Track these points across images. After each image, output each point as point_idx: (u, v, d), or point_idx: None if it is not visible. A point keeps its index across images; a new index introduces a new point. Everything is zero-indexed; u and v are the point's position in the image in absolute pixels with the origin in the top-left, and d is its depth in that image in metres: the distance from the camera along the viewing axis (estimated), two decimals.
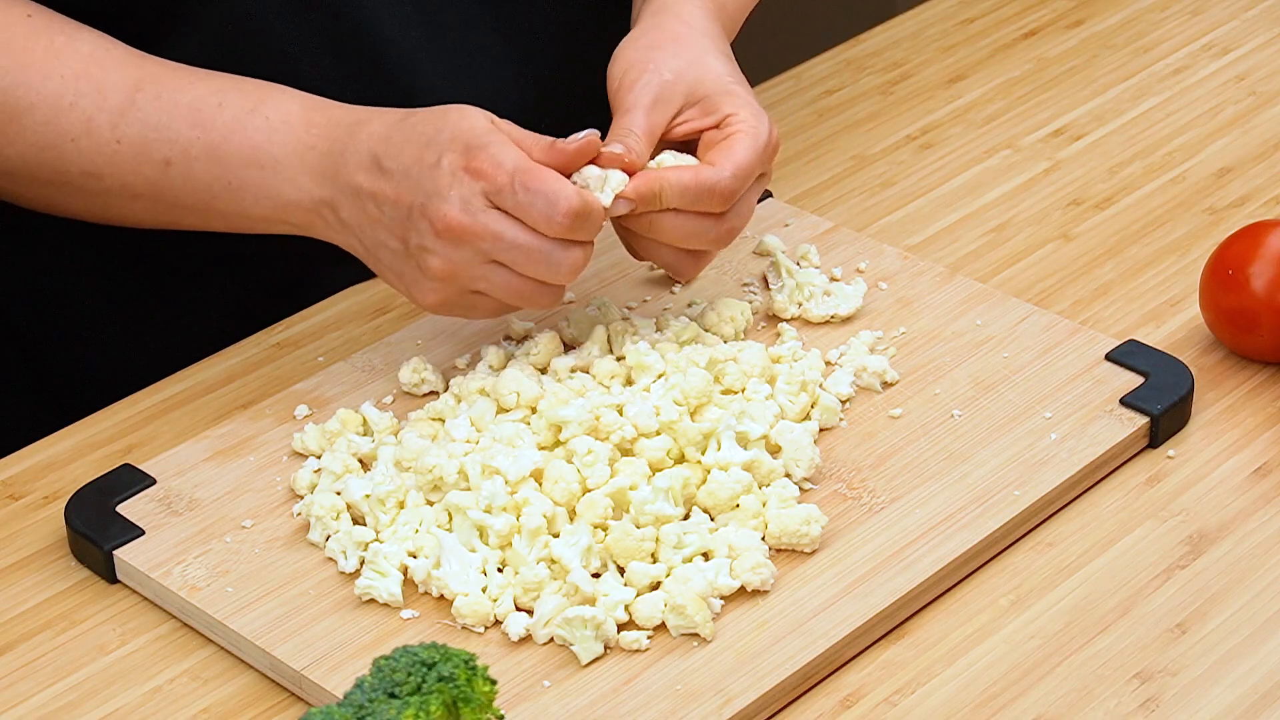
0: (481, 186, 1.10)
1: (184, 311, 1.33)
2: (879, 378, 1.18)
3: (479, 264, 1.11)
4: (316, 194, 1.15)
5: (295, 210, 1.16)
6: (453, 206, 1.10)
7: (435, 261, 1.11)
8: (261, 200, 1.16)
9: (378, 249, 1.14)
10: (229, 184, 1.16)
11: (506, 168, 1.09)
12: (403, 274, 1.14)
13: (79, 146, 1.15)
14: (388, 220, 1.13)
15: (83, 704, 1.03)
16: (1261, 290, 1.18)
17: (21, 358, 1.36)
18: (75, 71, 1.15)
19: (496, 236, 1.10)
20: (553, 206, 1.09)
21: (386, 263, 1.14)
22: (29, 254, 1.32)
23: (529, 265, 1.11)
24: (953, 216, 1.36)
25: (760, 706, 1.00)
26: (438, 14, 1.30)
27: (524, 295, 1.12)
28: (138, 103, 1.15)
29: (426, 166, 1.11)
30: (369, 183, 1.13)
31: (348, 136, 1.14)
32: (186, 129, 1.15)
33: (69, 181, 1.17)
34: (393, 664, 0.91)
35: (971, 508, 1.09)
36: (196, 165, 1.16)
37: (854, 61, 1.54)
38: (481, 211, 1.10)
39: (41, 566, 1.12)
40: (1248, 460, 1.15)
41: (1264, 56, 1.52)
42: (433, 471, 1.09)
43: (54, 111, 1.15)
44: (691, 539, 1.06)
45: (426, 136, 1.12)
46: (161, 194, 1.17)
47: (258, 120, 1.15)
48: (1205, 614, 1.05)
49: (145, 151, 1.15)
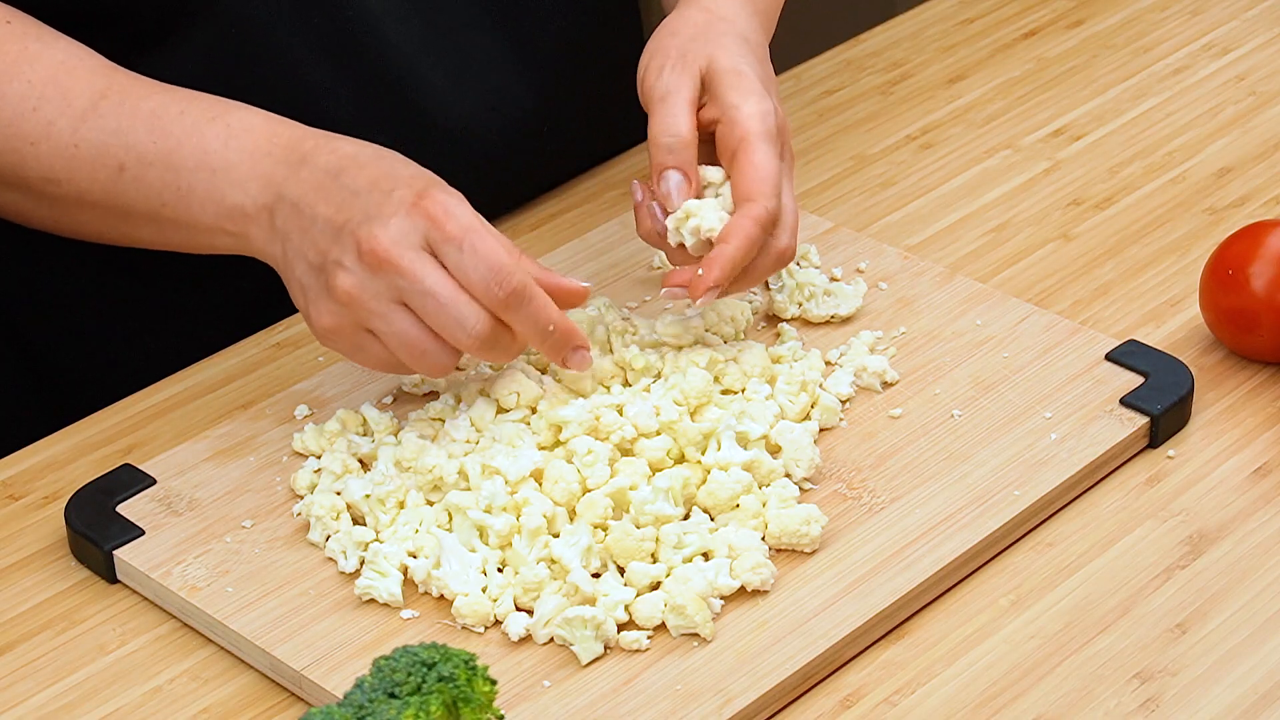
0: (425, 226, 1.06)
1: (184, 311, 1.33)
2: (879, 378, 1.18)
3: (385, 300, 1.07)
4: (260, 199, 1.12)
5: (237, 215, 1.13)
6: (385, 232, 1.06)
7: (345, 280, 1.07)
8: (208, 205, 1.13)
9: (295, 259, 1.11)
10: (178, 189, 1.13)
11: (460, 221, 1.06)
12: (307, 288, 1.10)
13: (38, 150, 1.15)
14: (315, 232, 1.09)
15: (83, 704, 1.03)
16: (1261, 290, 1.18)
17: (21, 358, 1.36)
18: (43, 77, 1.14)
19: (417, 277, 1.06)
20: (499, 277, 1.06)
21: (297, 274, 1.11)
22: (29, 254, 1.32)
23: (437, 316, 1.06)
24: (953, 216, 1.36)
25: (760, 706, 1.00)
26: (439, 17, 1.30)
27: (416, 348, 1.08)
28: (100, 109, 1.14)
29: (379, 192, 1.08)
30: (312, 192, 1.09)
31: (310, 149, 1.11)
32: (144, 134, 1.14)
33: (30, 187, 1.16)
34: (393, 664, 0.91)
35: (971, 508, 1.09)
36: (150, 171, 1.14)
37: (854, 61, 1.54)
38: (412, 249, 1.06)
39: (41, 566, 1.12)
40: (1248, 460, 1.15)
41: (1264, 56, 1.52)
42: (433, 471, 1.09)
43: (16, 114, 1.14)
44: (691, 539, 1.06)
45: (393, 168, 1.10)
46: (114, 201, 1.15)
47: (217, 127, 1.13)
48: (1205, 614, 1.05)
49: (101, 156, 1.14)
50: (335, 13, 1.27)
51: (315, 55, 1.26)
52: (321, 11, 1.26)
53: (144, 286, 1.33)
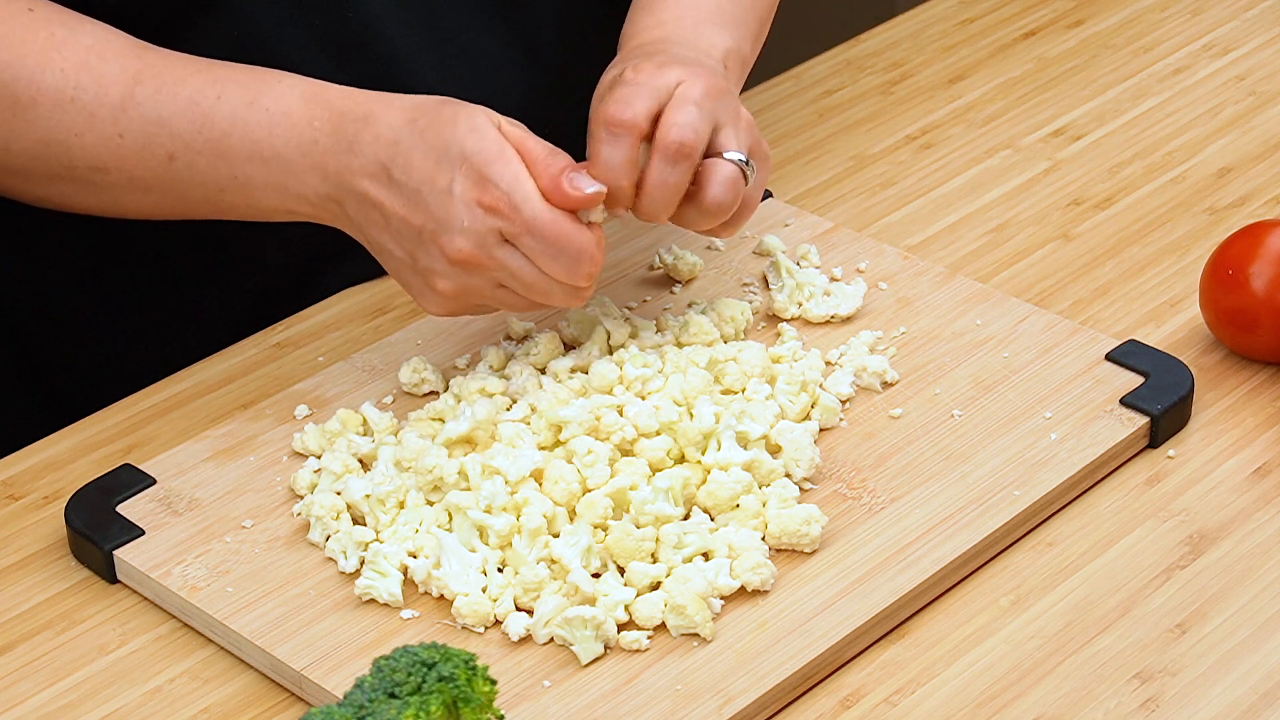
0: (495, 223, 1.10)
1: (184, 311, 1.33)
2: (879, 378, 1.18)
3: (489, 287, 1.13)
4: (322, 190, 1.14)
5: (302, 203, 1.15)
6: (467, 240, 1.10)
7: (445, 284, 1.12)
8: (269, 193, 1.15)
9: (383, 253, 1.15)
10: (234, 178, 1.15)
11: (524, 215, 1.09)
12: (410, 284, 1.15)
13: (83, 141, 1.15)
14: (394, 232, 1.13)
15: (83, 704, 1.03)
16: (1261, 290, 1.18)
17: (21, 358, 1.36)
18: (74, 64, 1.15)
19: (510, 272, 1.11)
20: (575, 263, 1.10)
21: (393, 267, 1.15)
22: (29, 254, 1.32)
23: (544, 295, 1.12)
24: (953, 216, 1.36)
25: (760, 706, 1.00)
26: (441, 18, 1.30)
27: (532, 308, 1.14)
28: (136, 97, 1.15)
29: (438, 191, 1.10)
30: (376, 191, 1.12)
31: (354, 134, 1.13)
32: (186, 124, 1.15)
33: (77, 177, 1.17)
34: (393, 664, 0.91)
35: (971, 508, 1.09)
36: (200, 160, 1.15)
37: (854, 61, 1.54)
38: (496, 246, 1.11)
39: (41, 566, 1.12)
40: (1248, 460, 1.15)
41: (1264, 56, 1.52)
42: (433, 471, 1.09)
43: (56, 106, 1.15)
44: (691, 539, 1.06)
45: (436, 151, 1.11)
46: (170, 187, 1.17)
47: (257, 114, 1.15)
48: (1205, 614, 1.05)
49: (148, 146, 1.15)
50: (336, 13, 1.27)
51: (316, 55, 1.26)
52: (322, 12, 1.26)
53: (144, 286, 1.33)
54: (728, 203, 1.14)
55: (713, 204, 1.13)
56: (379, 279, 1.32)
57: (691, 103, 1.13)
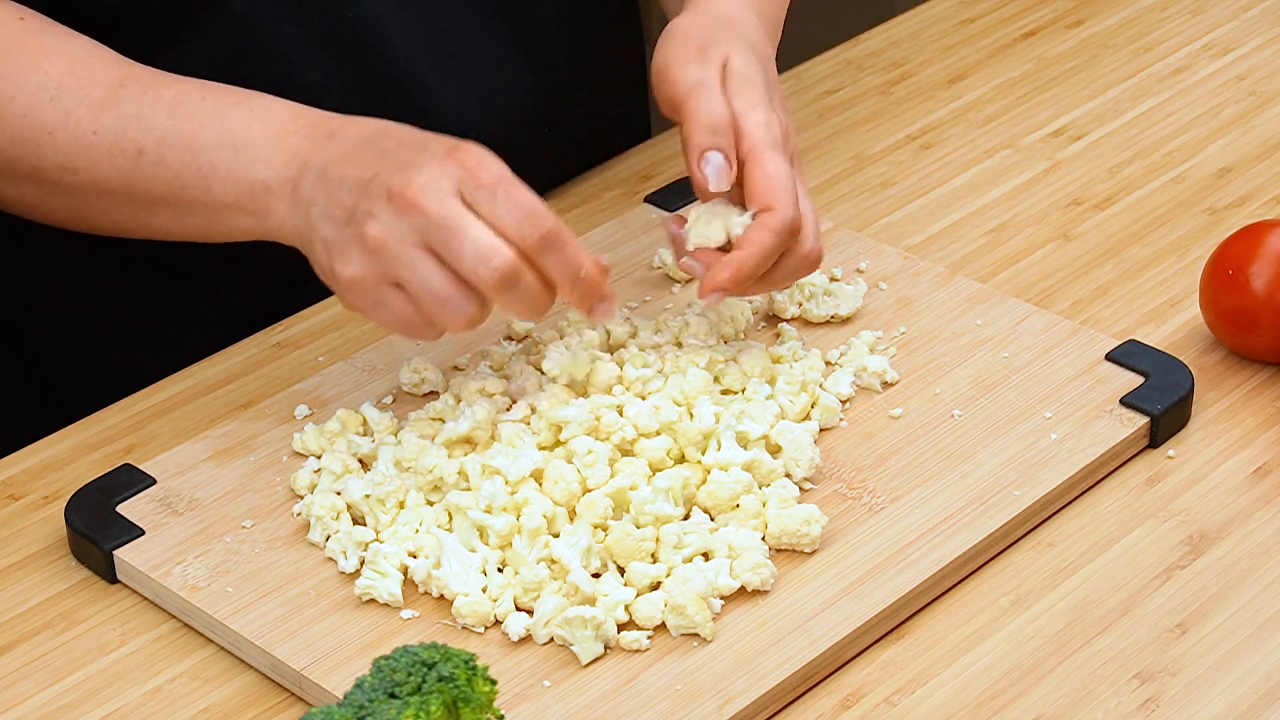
0: (458, 175, 1.07)
1: (184, 311, 1.33)
2: (879, 378, 1.18)
3: (411, 245, 1.06)
4: (283, 173, 1.11)
5: (259, 191, 1.12)
6: (418, 177, 1.06)
7: (373, 228, 1.06)
8: (229, 183, 1.13)
9: (320, 221, 1.10)
10: (198, 169, 1.13)
11: (494, 170, 1.07)
12: (331, 244, 1.09)
13: (55, 140, 1.15)
14: (343, 192, 1.09)
15: (83, 704, 1.03)
16: (1261, 290, 1.18)
17: (21, 358, 1.36)
18: (60, 68, 1.15)
19: (442, 215, 1.05)
20: (533, 219, 1.06)
21: (322, 234, 1.09)
22: (28, 254, 1.32)
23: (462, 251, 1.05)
24: (953, 216, 1.36)
25: (760, 706, 1.00)
26: (441, 19, 1.30)
27: (439, 299, 1.07)
28: (120, 97, 1.15)
29: (410, 148, 1.09)
30: (341, 159, 1.10)
31: (335, 127, 1.12)
32: (165, 118, 1.14)
33: (46, 178, 1.16)
34: (393, 664, 0.91)
35: (971, 508, 1.09)
36: (169, 153, 1.14)
37: (854, 61, 1.54)
38: (443, 193, 1.06)
39: (41, 566, 1.12)
40: (1248, 460, 1.15)
41: (1264, 56, 1.52)
42: (433, 471, 1.09)
43: (33, 104, 1.15)
44: (691, 539, 1.06)
45: (426, 136, 1.11)
46: (132, 187, 1.15)
47: (240, 110, 1.14)
48: (1205, 614, 1.05)
49: (120, 142, 1.14)
50: (336, 13, 1.27)
51: (316, 56, 1.27)
52: (322, 12, 1.26)
53: (144, 286, 1.33)
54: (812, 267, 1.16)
55: (813, 255, 1.15)
56: None
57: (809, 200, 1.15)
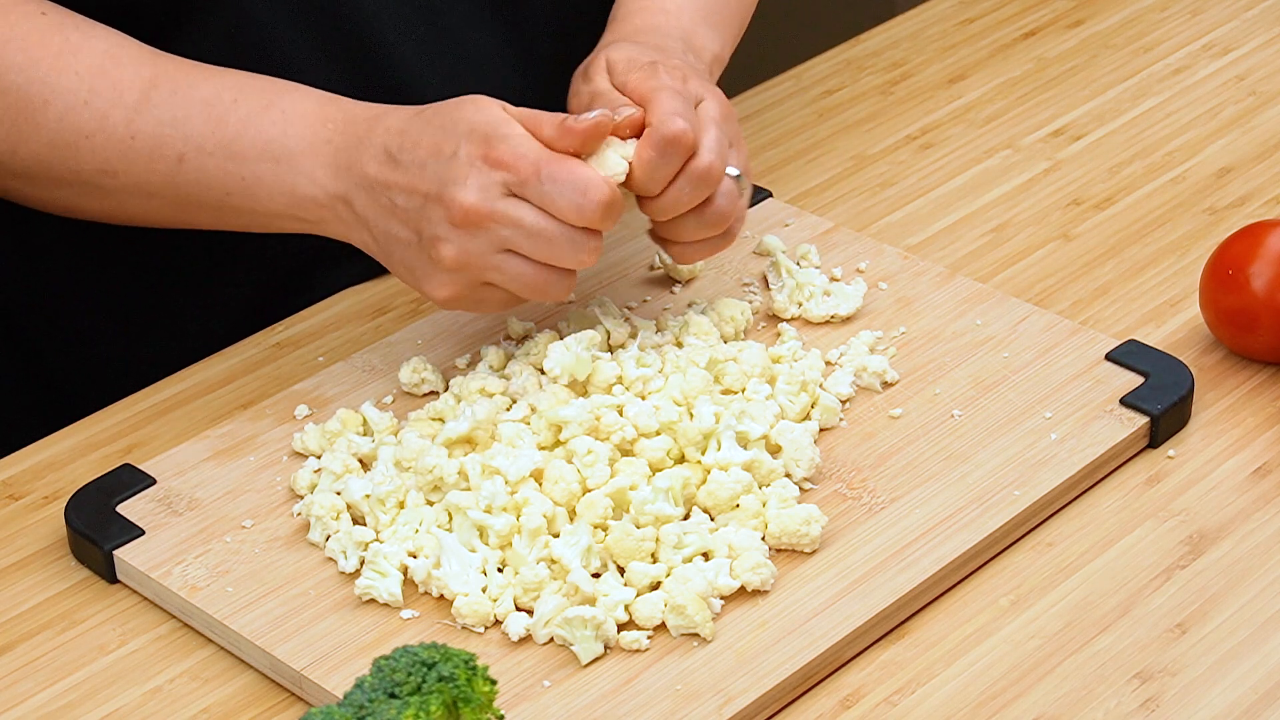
0: (502, 176, 1.09)
1: (184, 311, 1.34)
2: (879, 378, 1.18)
3: (492, 253, 1.10)
4: (331, 188, 1.14)
5: (310, 205, 1.15)
6: (469, 193, 1.09)
7: (448, 251, 1.10)
8: (276, 195, 1.15)
9: (390, 243, 1.13)
10: (243, 179, 1.15)
11: (530, 159, 1.08)
12: (414, 268, 1.13)
13: (93, 143, 1.15)
14: (402, 211, 1.12)
15: (83, 704, 1.03)
16: (1261, 290, 1.18)
17: (21, 358, 1.36)
18: (90, 68, 1.15)
19: (516, 222, 1.09)
20: (584, 196, 1.08)
21: (399, 257, 1.14)
22: (29, 254, 1.32)
23: (549, 251, 1.09)
24: (953, 216, 1.36)
25: (760, 706, 1.00)
26: (438, 17, 1.30)
27: (537, 285, 1.11)
28: (152, 99, 1.15)
29: (444, 157, 1.10)
30: (382, 174, 1.12)
31: (365, 131, 1.14)
32: (200, 124, 1.15)
33: (84, 180, 1.17)
34: (393, 664, 0.91)
35: (971, 508, 1.09)
36: (210, 161, 1.15)
37: (854, 61, 1.54)
38: (499, 199, 1.09)
39: (41, 566, 1.12)
40: (1248, 460, 1.15)
41: (1264, 56, 1.52)
42: (433, 471, 1.09)
43: (68, 108, 1.15)
44: (691, 539, 1.06)
45: (443, 129, 1.11)
46: (176, 190, 1.17)
47: (273, 114, 1.15)
48: (1205, 614, 1.05)
49: (159, 147, 1.15)
50: (334, 12, 1.27)
51: (314, 55, 1.27)
52: (320, 11, 1.26)
53: (144, 286, 1.33)
54: (728, 214, 1.14)
55: (715, 214, 1.14)
56: (379, 279, 1.32)
57: (715, 125, 1.13)
